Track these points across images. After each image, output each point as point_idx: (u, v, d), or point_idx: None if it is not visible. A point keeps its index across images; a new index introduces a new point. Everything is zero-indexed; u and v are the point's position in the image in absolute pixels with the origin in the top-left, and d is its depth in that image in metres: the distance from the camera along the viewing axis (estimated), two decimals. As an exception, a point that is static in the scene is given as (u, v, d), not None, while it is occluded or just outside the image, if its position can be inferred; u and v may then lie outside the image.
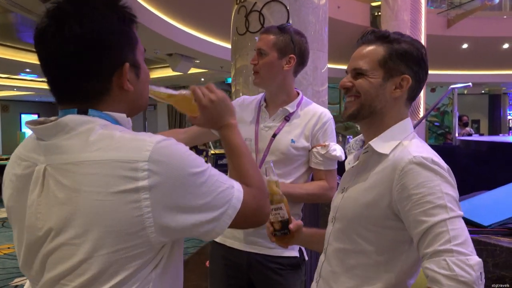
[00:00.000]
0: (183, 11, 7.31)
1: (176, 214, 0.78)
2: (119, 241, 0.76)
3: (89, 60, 0.80)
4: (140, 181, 0.75)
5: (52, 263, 0.79)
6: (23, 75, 12.54)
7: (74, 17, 0.78)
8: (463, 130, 8.43)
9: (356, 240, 1.08)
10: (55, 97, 0.84)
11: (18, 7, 5.68)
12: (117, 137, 0.78)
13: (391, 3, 7.08)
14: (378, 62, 1.08)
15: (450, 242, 0.89)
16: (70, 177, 0.76)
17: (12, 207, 0.87)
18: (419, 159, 0.98)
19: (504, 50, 10.29)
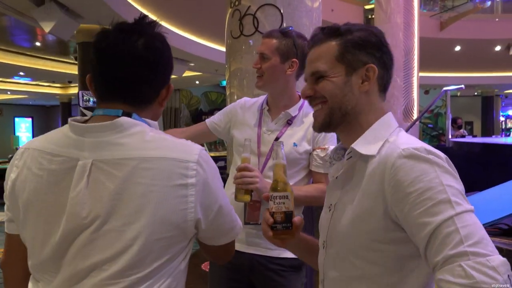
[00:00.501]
0: (178, 14, 7.31)
1: (207, 211, 0.91)
2: (162, 230, 0.85)
3: (153, 71, 0.92)
4: (189, 178, 0.87)
5: (95, 249, 0.85)
6: (17, 78, 12.48)
7: (148, 35, 0.93)
8: (457, 132, 8.48)
9: (357, 264, 0.91)
10: (103, 96, 0.93)
11: (11, 11, 5.66)
12: (169, 139, 0.91)
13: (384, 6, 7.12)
14: (335, 58, 0.96)
15: (463, 243, 0.73)
16: (126, 170, 0.85)
17: (38, 200, 0.89)
18: (409, 151, 0.83)
19: (496, 53, 10.38)
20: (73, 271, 0.86)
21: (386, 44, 0.99)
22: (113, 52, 0.91)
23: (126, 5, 6.33)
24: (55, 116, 18.64)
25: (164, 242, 0.86)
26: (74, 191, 0.86)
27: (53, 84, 14.34)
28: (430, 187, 0.79)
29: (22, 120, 18.63)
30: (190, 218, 0.88)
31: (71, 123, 0.92)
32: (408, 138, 0.92)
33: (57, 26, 5.32)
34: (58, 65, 10.73)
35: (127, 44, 0.90)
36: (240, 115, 1.76)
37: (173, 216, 0.86)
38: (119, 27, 0.93)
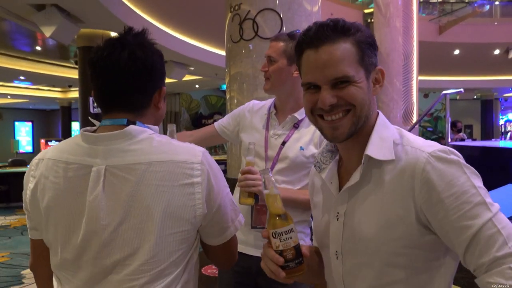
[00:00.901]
0: (178, 19, 7.34)
1: (210, 208, 0.99)
2: (174, 225, 0.94)
3: (143, 78, 1.00)
4: (195, 178, 0.96)
5: (116, 247, 0.93)
6: (17, 82, 12.50)
7: (138, 45, 1.00)
8: (456, 135, 8.49)
9: (387, 271, 0.88)
10: (105, 107, 1.02)
11: (12, 15, 5.68)
12: (174, 144, 1.00)
13: (383, 10, 7.15)
14: (358, 62, 0.88)
15: (507, 243, 0.75)
16: (139, 174, 0.93)
17: (57, 206, 0.98)
18: (436, 153, 0.82)
19: (495, 56, 10.41)
20: (97, 268, 0.94)
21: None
22: (101, 65, 0.99)
23: (127, 10, 6.36)
24: (55, 120, 18.64)
25: (178, 237, 0.95)
26: (91, 195, 0.94)
27: (53, 88, 14.35)
28: (464, 191, 0.79)
29: (22, 124, 18.63)
30: (199, 213, 0.97)
31: (84, 133, 0.99)
32: (419, 138, 0.91)
33: (58, 30, 5.33)
34: (58, 69, 10.75)
35: (112, 57, 0.98)
36: (248, 119, 1.77)
37: (184, 212, 0.95)
38: (107, 41, 1.01)
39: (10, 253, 5.87)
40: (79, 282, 0.97)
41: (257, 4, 2.98)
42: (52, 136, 17.30)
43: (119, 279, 0.93)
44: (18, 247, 6.16)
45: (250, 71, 3.04)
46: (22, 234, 6.96)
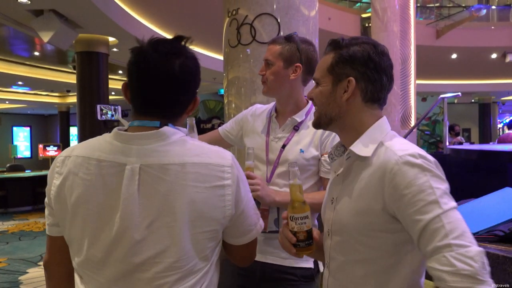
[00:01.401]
0: (175, 24, 7.36)
1: (239, 207, 1.04)
2: (205, 225, 0.99)
3: (187, 91, 1.05)
4: (225, 180, 1.01)
5: (147, 244, 0.96)
6: (15, 87, 12.50)
7: (183, 56, 1.02)
8: (454, 139, 8.50)
9: (359, 249, 1.05)
10: (138, 109, 1.04)
11: (10, 21, 5.69)
12: (206, 147, 1.04)
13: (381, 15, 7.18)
14: (327, 70, 1.11)
15: (448, 236, 0.89)
16: (173, 174, 0.97)
17: (87, 202, 0.99)
18: (405, 158, 0.98)
19: (492, 60, 10.45)
20: (126, 265, 0.97)
21: (376, 59, 1.08)
22: (152, 73, 1.00)
23: (125, 15, 6.37)
24: (54, 125, 18.63)
25: (208, 235, 1.00)
26: (126, 193, 0.97)
27: (52, 93, 14.36)
28: (421, 190, 0.94)
29: (20, 129, 18.62)
30: (228, 214, 1.02)
31: (118, 132, 1.02)
32: (402, 143, 1.05)
33: (56, 36, 5.34)
34: (56, 75, 10.76)
35: (165, 66, 1.00)
36: (250, 123, 1.76)
37: (214, 212, 0.99)
38: (156, 48, 1.01)
39: (7, 259, 5.84)
40: (104, 280, 0.98)
41: (254, 9, 2.99)
42: (50, 141, 17.29)
43: (149, 276, 0.96)
44: (16, 253, 6.14)
45: (248, 75, 3.04)
46: (19, 240, 6.93)
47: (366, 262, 1.05)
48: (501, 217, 1.64)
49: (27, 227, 7.90)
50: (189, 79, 1.03)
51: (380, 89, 1.10)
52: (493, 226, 1.60)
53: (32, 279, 5.01)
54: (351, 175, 1.10)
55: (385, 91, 1.11)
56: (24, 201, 9.82)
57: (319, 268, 1.63)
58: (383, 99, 1.12)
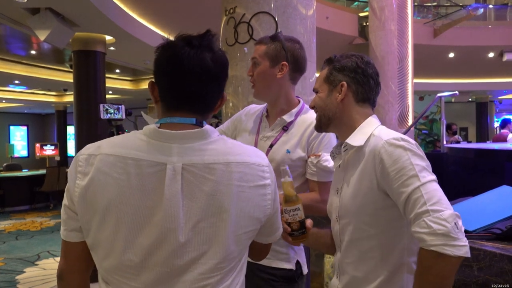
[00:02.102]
0: (173, 22, 7.34)
1: (275, 206, 1.08)
2: (249, 224, 1.00)
3: (220, 84, 1.04)
4: (266, 180, 1.03)
5: (192, 245, 0.93)
6: (12, 86, 12.45)
7: (215, 49, 1.02)
8: (452, 137, 8.52)
9: (362, 227, 1.23)
10: (171, 105, 1.00)
11: (6, 19, 5.66)
12: (245, 146, 1.06)
13: (378, 14, 7.19)
14: (323, 80, 1.35)
15: (426, 204, 1.05)
16: (218, 174, 0.95)
17: (122, 204, 0.92)
18: (389, 141, 1.17)
19: (489, 59, 10.47)
20: (167, 269, 0.92)
21: (363, 66, 1.30)
22: (187, 67, 0.97)
23: (122, 14, 6.35)
24: (51, 124, 18.57)
25: (250, 235, 1.02)
26: (169, 193, 0.92)
27: (49, 92, 14.30)
28: (403, 167, 1.12)
29: (17, 128, 18.55)
30: (268, 213, 1.04)
31: (156, 130, 0.97)
32: (388, 131, 1.24)
33: (52, 34, 5.31)
34: (53, 73, 10.72)
35: (200, 59, 0.98)
36: (244, 122, 1.77)
37: (257, 212, 1.01)
38: (188, 42, 0.99)
39: (4, 258, 5.83)
40: (140, 285, 0.93)
41: (252, 7, 2.98)
42: (47, 140, 17.23)
43: (192, 279, 0.93)
44: (13, 252, 6.12)
45: (245, 74, 3.04)
46: (16, 239, 6.91)
47: (370, 238, 1.22)
48: (498, 215, 1.64)
49: (24, 227, 7.87)
50: (221, 72, 1.03)
51: (369, 90, 1.32)
52: (490, 224, 1.61)
53: (29, 279, 4.99)
54: (350, 164, 1.29)
55: (373, 92, 1.33)
56: (21, 201, 9.80)
57: (302, 270, 1.63)
58: (372, 99, 1.34)
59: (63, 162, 13.51)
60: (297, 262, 1.61)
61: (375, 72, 1.32)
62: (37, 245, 6.49)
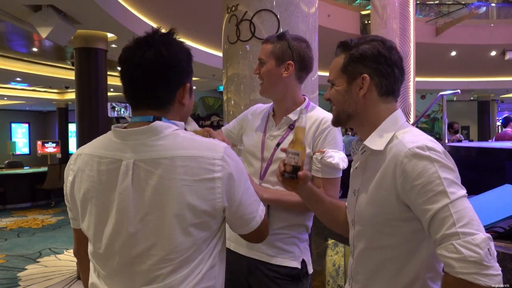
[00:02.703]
0: (174, 20, 7.33)
1: (232, 201, 1.05)
2: (195, 217, 1.00)
3: (166, 75, 1.05)
4: (216, 173, 1.01)
5: (141, 237, 1.00)
6: (14, 84, 12.46)
7: (163, 43, 1.06)
8: (453, 136, 8.51)
9: (378, 237, 1.13)
10: (134, 105, 1.09)
11: (8, 16, 5.66)
12: (198, 140, 1.05)
13: (380, 12, 7.17)
14: (340, 70, 1.18)
15: (455, 225, 0.94)
16: (163, 168, 0.99)
17: (92, 197, 1.06)
18: (413, 150, 1.03)
19: (491, 58, 10.44)
20: (124, 258, 1.02)
21: (387, 54, 1.14)
22: (128, 64, 1.05)
23: (124, 11, 6.35)
24: (52, 121, 18.59)
25: (199, 227, 1.02)
26: (121, 188, 1.02)
27: (50, 90, 14.31)
28: (430, 181, 0.99)
29: (18, 125, 18.57)
30: (218, 206, 1.03)
31: (114, 129, 1.07)
32: (414, 135, 1.09)
33: (54, 31, 5.31)
34: (55, 71, 10.72)
35: (138, 55, 1.04)
36: (250, 122, 1.78)
37: (204, 205, 1.01)
38: (135, 41, 1.07)
39: (6, 255, 5.84)
40: (109, 272, 1.05)
41: (254, 5, 2.98)
42: (49, 138, 17.25)
43: (145, 269, 1.00)
44: (14, 249, 6.13)
45: (247, 72, 3.03)
46: (18, 236, 6.93)
47: (385, 249, 1.13)
48: (500, 214, 1.64)
49: (26, 224, 7.89)
50: (165, 67, 1.05)
51: (394, 82, 1.17)
52: (493, 223, 1.60)
53: (30, 276, 5.00)
54: (368, 168, 1.17)
55: (398, 82, 1.18)
56: (23, 198, 9.81)
57: (308, 269, 1.63)
58: (397, 90, 1.19)
59: (64, 159, 13.52)
60: (302, 260, 1.61)
61: (399, 58, 1.17)
62: (39, 243, 6.51)
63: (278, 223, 1.59)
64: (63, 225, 7.63)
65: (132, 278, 1.02)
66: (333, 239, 2.52)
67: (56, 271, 5.18)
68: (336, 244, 2.58)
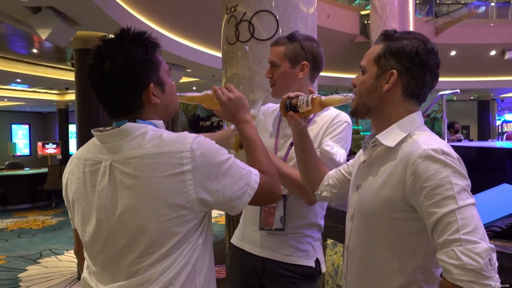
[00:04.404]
0: (174, 21, 7.34)
1: (210, 190, 1.04)
2: (171, 212, 1.01)
3: (122, 85, 1.07)
4: (185, 166, 1.01)
5: (120, 234, 1.03)
6: (14, 85, 12.47)
7: (109, 56, 1.06)
8: (454, 136, 8.51)
9: (376, 235, 1.12)
10: (108, 113, 1.13)
11: (8, 18, 5.67)
12: (165, 135, 1.05)
13: (379, 12, 7.18)
14: (373, 60, 1.15)
15: (459, 231, 0.93)
16: (134, 168, 1.02)
17: (79, 198, 1.11)
18: (428, 152, 1.01)
19: (491, 57, 10.44)
20: (107, 255, 1.07)
21: (424, 56, 1.10)
22: (89, 79, 1.11)
23: (123, 12, 6.36)
24: (53, 122, 18.59)
25: (176, 222, 1.02)
26: (99, 188, 1.06)
27: (50, 91, 14.32)
28: (440, 185, 0.98)
29: (19, 127, 18.58)
30: (192, 198, 1.02)
31: (94, 133, 1.11)
32: (429, 137, 1.07)
33: (54, 33, 5.32)
34: (55, 72, 10.73)
35: (92, 72, 1.09)
36: (262, 121, 1.77)
37: (177, 199, 1.01)
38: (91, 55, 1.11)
39: (6, 256, 5.85)
40: (97, 268, 1.10)
41: (253, 5, 2.98)
42: (49, 139, 17.26)
43: (127, 263, 1.04)
44: (15, 250, 6.14)
45: (246, 72, 3.04)
46: (19, 237, 6.94)
47: (382, 247, 1.11)
48: (498, 213, 1.64)
49: (26, 225, 7.90)
50: (115, 79, 1.06)
51: (422, 86, 1.13)
52: (491, 222, 1.61)
53: (31, 277, 5.01)
54: (376, 163, 1.15)
55: (427, 88, 1.14)
56: (23, 199, 9.82)
57: (321, 269, 1.63)
58: (423, 95, 1.15)
59: (65, 160, 13.52)
60: (316, 259, 1.61)
61: (436, 63, 1.12)
62: (39, 243, 6.51)
63: (295, 221, 1.59)
64: (64, 226, 7.63)
65: (116, 273, 1.06)
66: (332, 239, 2.52)
67: (57, 271, 5.19)
68: (335, 244, 2.58)
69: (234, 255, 1.74)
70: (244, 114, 1.29)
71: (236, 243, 1.72)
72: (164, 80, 1.14)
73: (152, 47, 1.12)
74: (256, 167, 1.17)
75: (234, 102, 1.29)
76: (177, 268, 1.04)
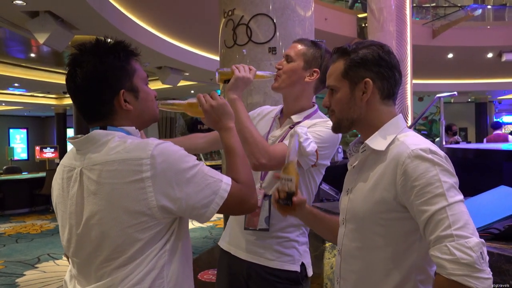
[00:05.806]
0: (172, 25, 7.36)
1: (172, 198, 1.04)
2: (131, 219, 1.02)
3: (93, 92, 1.10)
4: (144, 173, 1.02)
5: (88, 240, 1.07)
6: (12, 89, 12.46)
7: (79, 64, 1.10)
8: (451, 138, 8.52)
9: (370, 237, 1.13)
10: (83, 119, 1.15)
11: (6, 22, 5.67)
12: (128, 142, 1.06)
13: (377, 15, 7.20)
14: (341, 75, 1.18)
15: (451, 227, 0.96)
16: (98, 174, 1.05)
17: (59, 203, 1.16)
18: (416, 152, 1.04)
19: (488, 59, 10.48)
20: (79, 259, 1.11)
21: (386, 57, 1.16)
22: (68, 88, 1.14)
23: (121, 16, 6.37)
24: (51, 127, 18.56)
25: (137, 228, 1.04)
26: (71, 194, 1.10)
27: (48, 95, 14.31)
28: (430, 183, 1.01)
29: (17, 131, 18.55)
30: (153, 205, 1.03)
31: (69, 141, 1.15)
32: (415, 138, 1.11)
33: (52, 37, 5.33)
34: (52, 76, 10.72)
35: (67, 80, 1.12)
36: (255, 124, 1.76)
37: (137, 206, 1.02)
38: (68, 63, 1.14)
39: (4, 261, 5.83)
40: (74, 271, 1.15)
41: (250, 9, 2.99)
42: (47, 143, 17.22)
43: (95, 267, 1.08)
44: (13, 255, 6.12)
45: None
46: (16, 242, 6.91)
47: (376, 249, 1.12)
48: (496, 215, 1.65)
49: (24, 230, 7.87)
50: (84, 86, 1.09)
51: (394, 85, 1.18)
52: (488, 224, 1.61)
53: (29, 281, 4.99)
54: (366, 167, 1.17)
55: (398, 85, 1.20)
56: (21, 204, 9.79)
57: (307, 273, 1.63)
58: (396, 93, 1.21)
59: (63, 164, 13.49)
60: (302, 264, 1.61)
61: (397, 62, 1.19)
62: (37, 248, 6.49)
63: (279, 222, 1.59)
64: (62, 230, 7.59)
65: (89, 277, 1.10)
66: (331, 242, 2.52)
67: (55, 276, 5.17)
68: (333, 246, 2.58)
69: (221, 258, 1.75)
70: (226, 121, 1.27)
71: (224, 246, 1.73)
72: (138, 87, 1.14)
73: (125, 55, 1.13)
74: (231, 174, 1.17)
75: (216, 109, 1.27)
76: (141, 273, 1.05)
